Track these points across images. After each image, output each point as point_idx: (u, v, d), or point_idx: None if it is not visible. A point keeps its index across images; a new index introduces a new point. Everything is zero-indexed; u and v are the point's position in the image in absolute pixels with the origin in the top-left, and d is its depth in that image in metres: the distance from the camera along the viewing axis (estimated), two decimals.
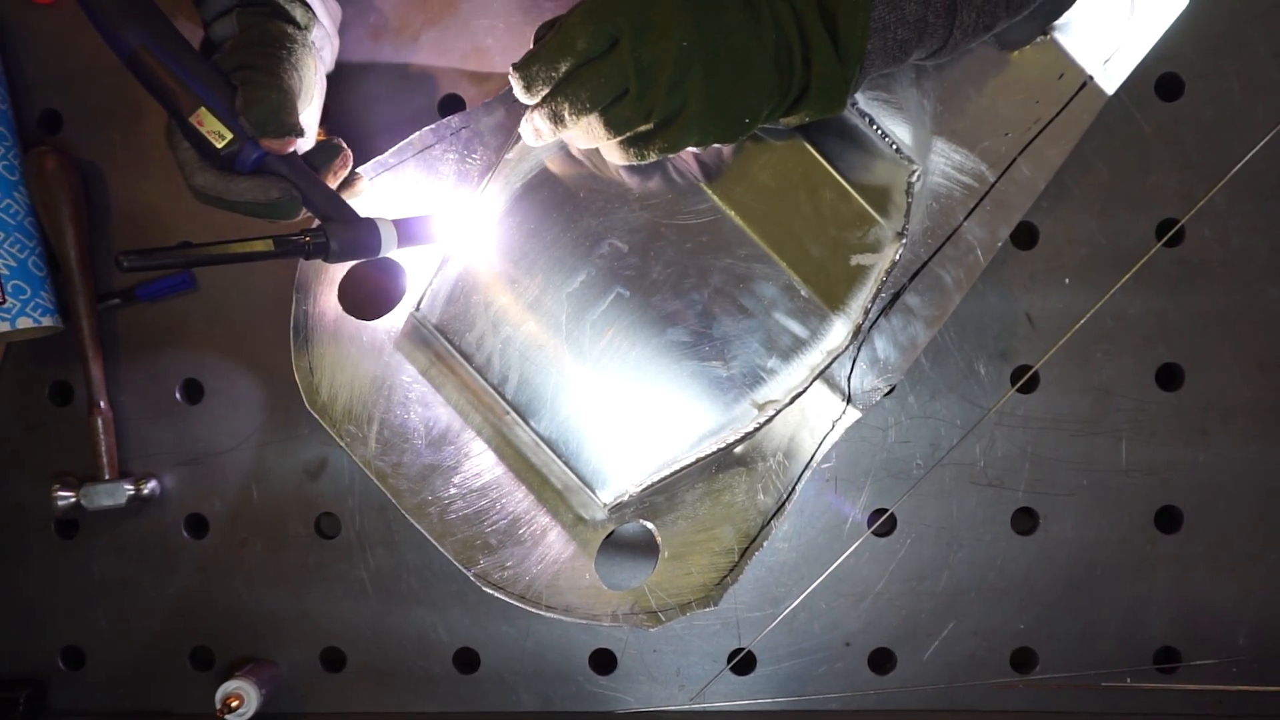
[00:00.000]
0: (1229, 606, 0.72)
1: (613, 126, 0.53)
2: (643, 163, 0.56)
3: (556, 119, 0.53)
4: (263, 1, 0.59)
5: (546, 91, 0.53)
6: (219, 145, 0.55)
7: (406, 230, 0.59)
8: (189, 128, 0.55)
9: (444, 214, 0.62)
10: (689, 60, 0.51)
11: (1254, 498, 0.71)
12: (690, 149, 0.56)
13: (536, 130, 0.55)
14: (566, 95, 0.52)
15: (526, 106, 0.55)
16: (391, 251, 0.58)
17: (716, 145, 0.58)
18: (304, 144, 0.59)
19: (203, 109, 0.55)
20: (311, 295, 0.65)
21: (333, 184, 0.61)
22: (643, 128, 0.53)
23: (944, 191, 0.65)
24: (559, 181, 0.61)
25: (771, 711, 0.74)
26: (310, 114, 0.61)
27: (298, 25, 0.60)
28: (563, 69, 0.52)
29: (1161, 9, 0.65)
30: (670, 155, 0.56)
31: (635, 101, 0.52)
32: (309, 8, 0.61)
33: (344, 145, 0.62)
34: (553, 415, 0.62)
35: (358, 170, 0.64)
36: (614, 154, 0.55)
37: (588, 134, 0.54)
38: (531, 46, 0.54)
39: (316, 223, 0.57)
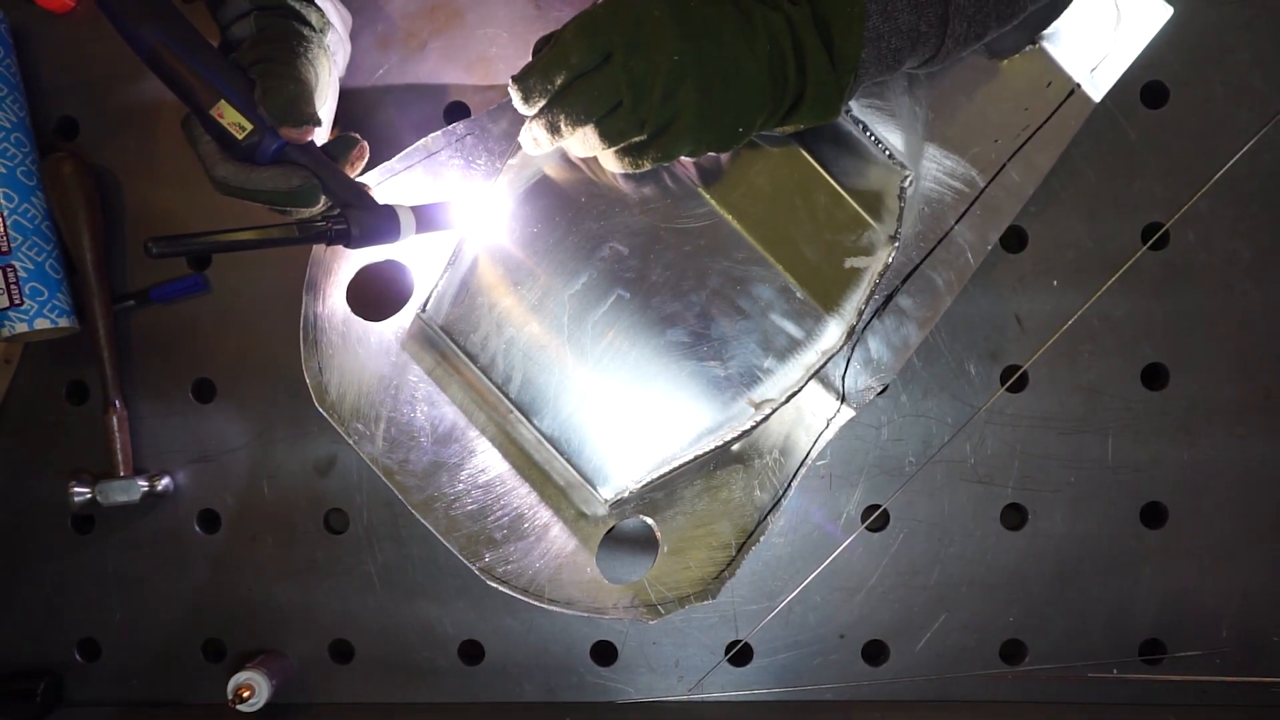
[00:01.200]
0: (1213, 599, 0.72)
1: (607, 137, 0.53)
2: (638, 171, 0.56)
3: (553, 129, 0.54)
4: (279, 6, 0.60)
5: (543, 103, 0.54)
6: (239, 137, 0.56)
7: (425, 216, 0.59)
8: (209, 120, 0.56)
9: (461, 200, 0.62)
10: (681, 73, 0.51)
11: (1237, 494, 0.72)
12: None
13: (535, 140, 0.56)
14: (562, 107, 0.53)
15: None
16: (410, 237, 0.58)
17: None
18: (319, 141, 0.60)
19: (222, 102, 0.55)
20: (320, 297, 0.66)
21: (351, 175, 0.62)
22: (637, 138, 0.54)
23: (935, 196, 0.66)
24: (560, 187, 0.61)
25: (768, 702, 0.74)
26: (325, 113, 0.61)
27: (312, 28, 0.61)
28: (558, 82, 0.52)
29: (1147, 19, 0.66)
30: (666, 163, 0.56)
31: (628, 113, 0.52)
32: (322, 13, 0.62)
33: (360, 138, 0.62)
34: (555, 414, 0.62)
35: (361, 179, 0.64)
36: (611, 162, 0.56)
37: (584, 144, 0.55)
38: (530, 59, 0.54)
39: (338, 212, 0.57)
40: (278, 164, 0.57)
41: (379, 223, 0.57)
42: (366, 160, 0.64)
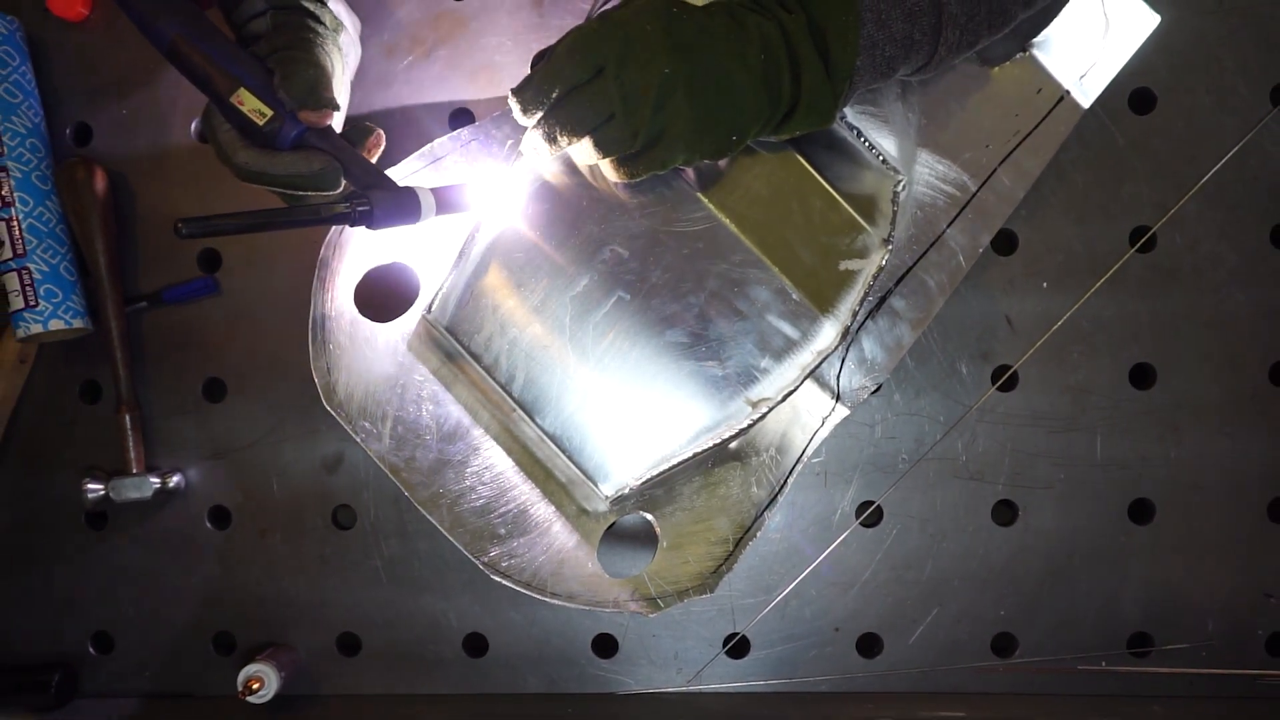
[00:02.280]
0: (1199, 594, 0.73)
1: (602, 147, 0.54)
2: (635, 180, 0.57)
3: (551, 140, 0.55)
4: (293, 5, 0.61)
5: (540, 115, 0.55)
6: (260, 123, 0.56)
7: (444, 198, 0.59)
8: (230, 109, 0.56)
9: (479, 183, 0.62)
10: (672, 85, 0.52)
11: (1222, 491, 0.73)
12: None
13: (535, 148, 0.57)
14: (558, 118, 0.54)
15: None
16: (430, 218, 0.59)
17: None
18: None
19: (242, 89, 0.56)
20: (329, 298, 0.67)
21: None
22: (631, 149, 0.55)
23: (928, 200, 0.67)
24: (561, 192, 0.62)
25: (764, 693, 0.75)
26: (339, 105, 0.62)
27: (326, 26, 0.63)
28: (553, 95, 0.53)
29: (1134, 27, 0.67)
30: (661, 172, 0.57)
31: (621, 125, 0.53)
32: (334, 14, 0.64)
33: (375, 126, 0.63)
34: (557, 412, 0.63)
35: None
36: (609, 171, 0.57)
37: (581, 153, 0.56)
38: (529, 71, 0.55)
39: (360, 194, 0.57)
40: (298, 149, 0.58)
41: (400, 204, 0.57)
42: (383, 148, 0.64)
